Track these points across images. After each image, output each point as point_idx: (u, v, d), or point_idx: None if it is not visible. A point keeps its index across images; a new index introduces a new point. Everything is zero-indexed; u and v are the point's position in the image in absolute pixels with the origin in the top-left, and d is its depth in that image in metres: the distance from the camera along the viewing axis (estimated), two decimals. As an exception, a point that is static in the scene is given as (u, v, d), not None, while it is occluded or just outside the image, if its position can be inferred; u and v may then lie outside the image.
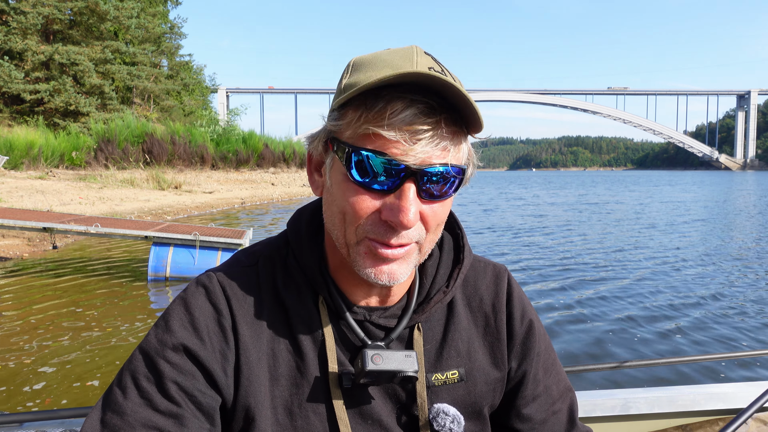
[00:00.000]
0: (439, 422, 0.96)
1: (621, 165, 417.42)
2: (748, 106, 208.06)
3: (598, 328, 6.55)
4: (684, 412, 1.84)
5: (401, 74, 0.78)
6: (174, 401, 0.87)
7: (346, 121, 0.85)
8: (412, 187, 0.84)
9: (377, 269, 0.89)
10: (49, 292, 7.94)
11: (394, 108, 0.81)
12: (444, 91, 0.82)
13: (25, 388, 4.55)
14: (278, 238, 1.06)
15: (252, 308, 0.95)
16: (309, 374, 0.94)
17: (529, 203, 30.73)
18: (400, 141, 0.81)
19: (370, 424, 0.95)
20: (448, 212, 0.95)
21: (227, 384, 0.91)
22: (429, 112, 0.81)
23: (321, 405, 0.94)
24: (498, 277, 1.10)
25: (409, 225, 0.84)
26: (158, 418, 0.86)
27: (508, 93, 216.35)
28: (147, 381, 0.88)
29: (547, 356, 1.11)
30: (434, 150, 0.82)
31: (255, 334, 0.94)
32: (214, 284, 0.96)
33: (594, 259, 11.34)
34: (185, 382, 0.88)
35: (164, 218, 16.77)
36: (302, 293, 0.98)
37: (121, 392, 0.88)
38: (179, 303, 0.95)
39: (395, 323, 0.99)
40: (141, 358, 0.90)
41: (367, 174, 0.84)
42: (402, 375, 0.92)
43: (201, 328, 0.91)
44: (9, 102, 30.61)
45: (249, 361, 0.92)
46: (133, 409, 0.86)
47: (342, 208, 0.88)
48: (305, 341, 0.95)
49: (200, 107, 47.54)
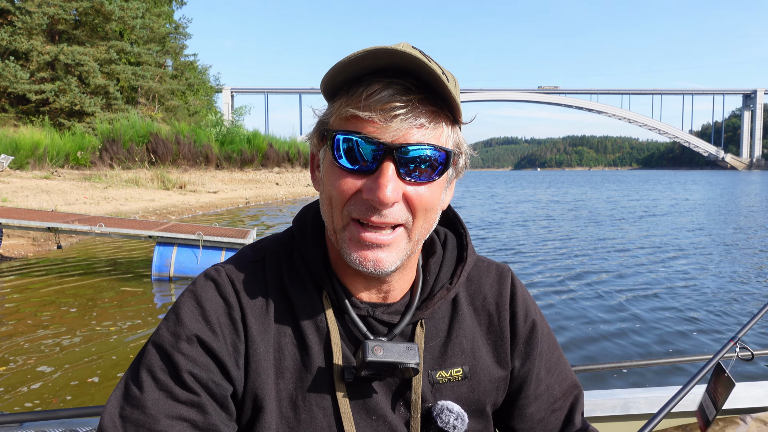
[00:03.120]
0: (443, 419, 0.97)
1: (626, 164, 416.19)
2: (754, 106, 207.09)
3: (599, 327, 6.54)
4: (684, 412, 1.83)
5: (370, 50, 0.82)
6: (193, 391, 0.87)
7: (334, 109, 0.90)
8: (390, 165, 0.86)
9: (362, 255, 0.90)
10: (54, 292, 7.98)
11: (372, 90, 0.84)
12: (421, 74, 0.85)
13: (27, 387, 4.57)
14: (284, 234, 1.07)
15: (259, 302, 0.96)
16: (313, 368, 0.94)
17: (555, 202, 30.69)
18: (376, 120, 0.84)
19: (374, 419, 0.96)
20: (438, 199, 0.94)
21: (239, 376, 0.92)
22: (404, 91, 0.84)
23: (325, 399, 0.94)
24: (502, 277, 1.11)
25: (387, 201, 0.85)
26: (180, 408, 0.86)
27: (512, 93, 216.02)
28: (163, 373, 0.88)
29: (550, 355, 1.11)
30: (410, 127, 0.85)
31: (262, 328, 0.95)
32: (223, 278, 0.97)
33: (604, 258, 11.32)
34: (201, 373, 0.88)
35: (168, 218, 16.82)
36: (307, 288, 0.99)
37: (138, 387, 0.88)
38: (189, 296, 0.95)
39: (398, 320, 0.99)
40: (155, 352, 0.90)
41: (349, 156, 0.87)
42: (403, 366, 0.92)
43: (213, 321, 0.92)
44: (14, 102, 30.74)
45: (257, 354, 0.93)
46: (154, 401, 0.86)
47: (329, 193, 0.91)
48: (310, 335, 0.96)
49: (205, 107, 47.64)
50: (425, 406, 0.98)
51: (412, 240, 0.92)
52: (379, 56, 0.83)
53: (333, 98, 0.91)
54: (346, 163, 0.87)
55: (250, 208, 22.78)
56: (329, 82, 0.88)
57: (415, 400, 0.98)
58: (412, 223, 0.90)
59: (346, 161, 0.87)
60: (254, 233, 8.98)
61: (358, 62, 0.84)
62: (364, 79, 0.86)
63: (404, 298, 1.02)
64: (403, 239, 0.91)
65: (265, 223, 17.35)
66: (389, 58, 0.83)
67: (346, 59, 0.84)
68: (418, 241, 0.94)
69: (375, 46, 0.83)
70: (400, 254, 0.92)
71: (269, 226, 16.55)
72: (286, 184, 33.62)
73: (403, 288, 1.02)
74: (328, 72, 0.87)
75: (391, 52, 0.82)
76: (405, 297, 1.02)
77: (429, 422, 0.98)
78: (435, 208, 0.93)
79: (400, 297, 1.02)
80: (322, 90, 0.92)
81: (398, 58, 0.83)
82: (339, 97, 0.89)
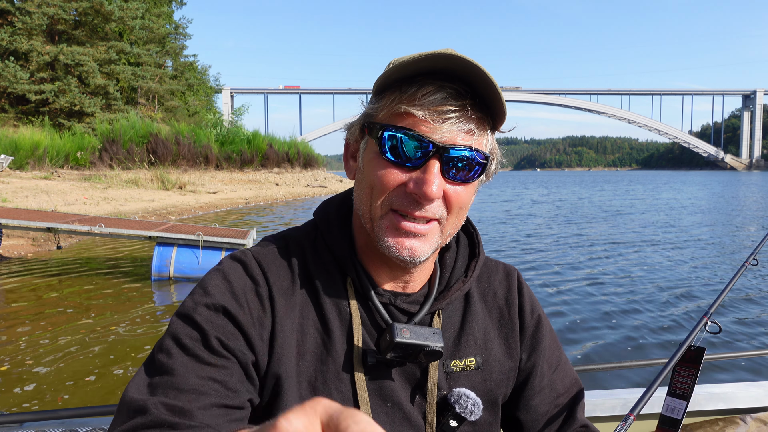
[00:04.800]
0: (462, 404, 0.99)
1: (626, 165, 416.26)
2: (753, 106, 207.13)
3: (600, 326, 6.55)
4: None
5: (431, 54, 0.86)
6: (222, 355, 0.87)
7: (383, 104, 0.94)
8: (437, 163, 0.90)
9: (399, 242, 0.93)
10: (53, 292, 7.98)
11: (426, 91, 0.89)
12: (473, 80, 0.89)
13: (25, 388, 4.57)
14: (306, 225, 1.10)
15: (286, 282, 0.99)
16: (335, 351, 0.96)
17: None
18: (429, 120, 0.89)
19: (389, 405, 0.98)
20: (471, 199, 1.00)
21: (263, 350, 0.92)
22: (457, 95, 0.89)
23: (344, 383, 0.96)
24: (509, 275, 1.17)
25: (432, 197, 0.89)
26: (210, 370, 0.86)
27: (512, 93, 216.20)
28: (191, 339, 0.88)
29: (552, 352, 1.15)
30: (460, 131, 0.90)
31: (289, 307, 0.97)
32: (249, 259, 1.00)
33: (607, 257, 11.33)
34: (228, 341, 0.89)
35: (168, 218, 16.82)
36: (331, 274, 1.01)
37: (166, 355, 0.87)
38: (216, 273, 0.97)
39: (417, 309, 1.03)
40: (180, 321, 0.90)
41: (397, 150, 0.91)
42: (429, 349, 0.94)
43: (239, 295, 0.93)
44: (14, 102, 30.75)
45: (284, 331, 0.94)
46: (183, 364, 0.85)
47: (371, 183, 0.94)
48: (333, 319, 0.98)
49: (205, 107, 47.63)
50: (440, 395, 1.01)
51: (443, 234, 0.97)
52: (437, 60, 0.87)
53: (382, 94, 0.95)
54: (393, 156, 0.91)
55: (250, 208, 22.79)
56: (386, 78, 0.92)
57: (431, 387, 1.00)
58: (446, 218, 0.95)
59: (393, 154, 0.91)
60: (254, 233, 8.98)
61: (417, 63, 0.88)
62: (417, 79, 0.90)
63: (423, 289, 1.06)
64: (436, 232, 0.96)
65: (264, 223, 17.36)
66: (445, 62, 0.88)
67: (407, 59, 0.89)
68: (448, 236, 0.99)
69: (433, 51, 0.87)
70: (432, 246, 0.96)
71: (269, 227, 16.56)
72: (286, 185, 33.64)
73: (423, 279, 1.06)
74: (386, 69, 0.92)
75: (450, 57, 0.87)
76: (423, 288, 1.06)
77: (444, 410, 1.01)
78: (467, 207, 0.99)
79: (419, 288, 1.06)
80: (374, 85, 0.96)
81: (454, 63, 0.87)
82: (390, 93, 0.93)
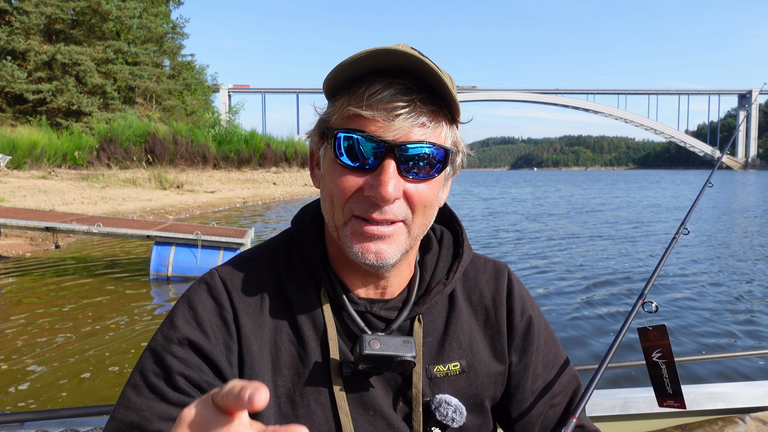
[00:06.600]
0: (442, 412, 0.98)
1: (622, 164, 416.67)
2: (749, 106, 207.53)
3: (599, 324, 6.56)
4: (684, 411, 1.84)
5: (374, 50, 0.84)
6: (185, 393, 0.90)
7: (335, 108, 0.92)
8: (392, 163, 0.88)
9: (364, 247, 0.91)
10: (52, 292, 7.96)
11: (374, 90, 0.86)
12: (422, 74, 0.86)
13: (24, 387, 4.56)
14: (283, 234, 1.09)
15: (253, 300, 0.98)
16: (311, 363, 0.96)
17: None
18: (378, 119, 0.86)
19: (371, 414, 0.97)
20: (437, 196, 0.97)
21: (233, 374, 0.94)
22: (406, 91, 0.87)
23: (322, 394, 0.95)
24: (498, 273, 1.12)
25: (388, 197, 0.87)
26: (172, 410, 0.88)
27: (509, 92, 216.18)
28: (156, 377, 0.91)
29: (548, 351, 1.12)
30: (413, 126, 0.87)
31: (257, 326, 0.96)
32: (215, 280, 1.00)
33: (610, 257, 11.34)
34: (193, 374, 0.91)
35: (166, 218, 16.78)
36: (305, 284, 1.00)
37: (134, 390, 0.92)
38: (183, 301, 0.99)
39: (396, 315, 1.01)
40: (149, 356, 0.94)
41: (351, 153, 0.89)
42: (400, 360, 0.93)
43: (204, 323, 0.94)
44: (12, 102, 30.66)
45: (251, 352, 0.95)
46: (147, 404, 0.89)
47: (330, 191, 0.93)
48: (307, 331, 0.97)
49: (202, 107, 47.54)
50: (423, 401, 1.00)
51: (411, 235, 0.94)
52: (381, 57, 0.85)
53: (334, 97, 0.93)
54: (347, 160, 0.89)
55: (248, 207, 22.76)
56: (331, 81, 0.90)
57: (416, 395, 0.99)
58: (411, 219, 0.93)
59: (347, 159, 0.89)
60: (252, 233, 8.97)
61: (361, 62, 0.86)
62: (366, 79, 0.88)
63: (401, 294, 1.04)
64: (402, 233, 0.93)
65: (264, 222, 17.34)
66: (391, 58, 0.85)
67: (349, 59, 0.86)
68: (417, 237, 0.96)
69: (376, 47, 0.84)
70: (400, 247, 0.94)
71: (267, 226, 16.54)
72: (284, 184, 33.58)
73: (401, 284, 1.04)
74: (330, 72, 0.89)
75: (394, 53, 0.84)
76: (402, 293, 1.04)
77: (427, 416, 0.99)
78: (433, 204, 0.96)
79: (398, 293, 1.03)
80: (324, 89, 0.94)
81: (400, 58, 0.85)
82: (341, 96, 0.91)
